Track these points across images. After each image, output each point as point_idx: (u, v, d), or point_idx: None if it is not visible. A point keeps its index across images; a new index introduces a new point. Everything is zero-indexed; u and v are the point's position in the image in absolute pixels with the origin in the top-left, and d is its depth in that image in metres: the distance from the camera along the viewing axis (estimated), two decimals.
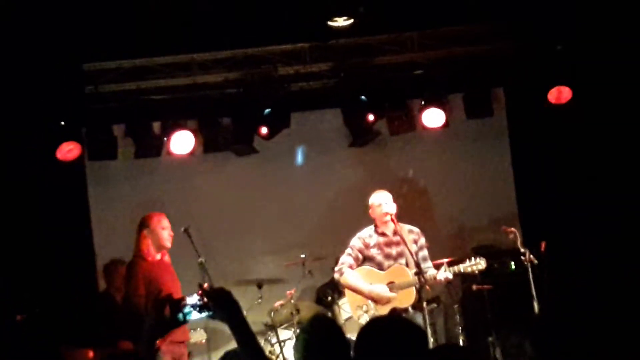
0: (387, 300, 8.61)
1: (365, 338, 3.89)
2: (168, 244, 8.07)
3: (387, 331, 3.81)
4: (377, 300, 8.64)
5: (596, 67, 10.87)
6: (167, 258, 8.13)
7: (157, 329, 4.37)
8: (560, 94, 11.04)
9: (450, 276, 8.59)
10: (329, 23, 10.12)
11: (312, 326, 4.31)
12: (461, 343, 10.09)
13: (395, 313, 8.47)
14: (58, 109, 10.64)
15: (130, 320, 7.76)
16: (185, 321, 4.37)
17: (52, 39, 9.74)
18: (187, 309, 4.27)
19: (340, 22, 10.08)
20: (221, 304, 4.11)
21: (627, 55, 10.67)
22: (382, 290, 8.64)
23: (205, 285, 8.01)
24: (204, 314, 4.25)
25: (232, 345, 9.39)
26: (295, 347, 4.22)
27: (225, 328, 4.20)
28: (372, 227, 8.92)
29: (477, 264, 8.62)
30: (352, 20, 10.10)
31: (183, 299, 4.11)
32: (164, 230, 8.04)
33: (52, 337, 9.63)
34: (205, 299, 4.20)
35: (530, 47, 10.97)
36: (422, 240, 8.90)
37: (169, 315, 4.19)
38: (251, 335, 4.12)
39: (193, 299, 4.25)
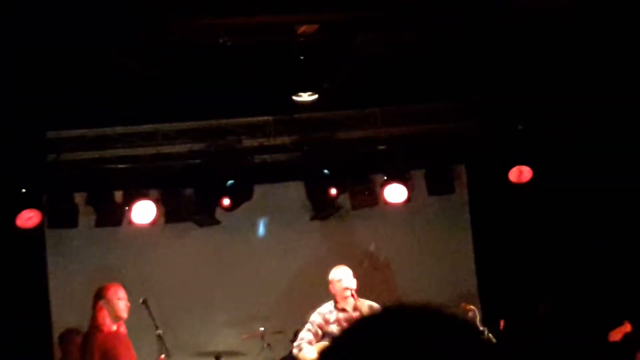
0: None
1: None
2: (124, 314, 8.00)
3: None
4: None
5: (557, 148, 11.01)
6: (123, 329, 8.04)
7: None
8: (521, 174, 11.15)
9: None
10: (294, 97, 10.19)
11: None
12: None
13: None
14: (19, 176, 10.58)
15: None
16: None
17: (16, 106, 9.72)
18: None
19: (305, 97, 10.15)
20: None
21: (588, 136, 10.83)
22: None
23: (162, 357, 7.96)
24: None
25: None
26: None
27: None
28: (332, 302, 8.88)
29: None
30: (316, 96, 10.17)
31: None
32: (120, 300, 7.97)
33: None
34: None
35: (492, 125, 11.11)
36: None
37: None
38: None
39: None
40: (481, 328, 8.94)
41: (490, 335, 8.87)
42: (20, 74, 9.27)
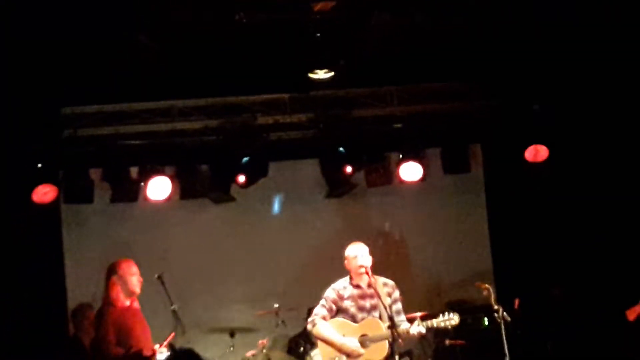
0: (358, 355, 8.56)
1: None
2: (137, 289, 8.03)
3: None
4: (347, 354, 8.59)
5: (574, 127, 10.97)
6: (136, 304, 8.07)
7: None
8: (537, 153, 11.12)
9: (424, 331, 8.55)
10: (310, 75, 10.17)
11: None
12: None
13: None
14: (36, 152, 10.61)
15: None
16: None
17: (33, 82, 9.73)
18: None
19: (321, 74, 10.13)
20: None
21: (604, 116, 10.78)
22: (353, 345, 8.59)
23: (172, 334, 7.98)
24: None
25: None
26: None
27: None
28: (347, 278, 8.88)
29: (450, 320, 8.58)
30: (332, 73, 10.15)
31: (152, 357, 4.06)
32: (133, 276, 8.00)
33: None
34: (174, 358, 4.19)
35: (509, 105, 11.06)
36: (397, 294, 8.86)
37: None
38: None
39: (162, 356, 4.23)
40: (496, 307, 8.94)
41: (505, 314, 8.86)
42: (37, 49, 9.28)
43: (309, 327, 8.87)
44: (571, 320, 10.55)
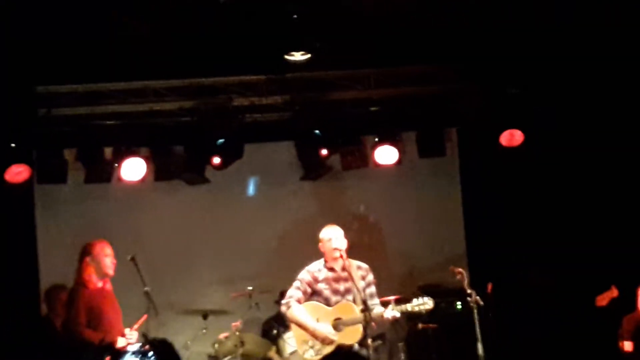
0: (330, 342, 8.56)
1: None
2: (110, 271, 8.00)
3: None
4: (320, 340, 8.60)
5: (548, 112, 10.99)
6: (109, 286, 8.05)
7: None
8: (512, 137, 11.13)
9: (398, 315, 8.57)
10: (286, 57, 10.13)
11: None
12: None
13: (341, 349, 8.45)
14: (9, 131, 10.52)
15: (70, 347, 7.67)
16: None
17: (7, 60, 9.64)
18: (127, 356, 4.22)
19: (297, 56, 10.09)
20: (163, 356, 4.08)
21: (580, 101, 10.82)
22: (326, 330, 8.59)
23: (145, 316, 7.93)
24: None
25: None
26: None
27: None
28: (321, 261, 8.88)
29: (424, 304, 8.60)
30: (309, 55, 10.11)
31: (124, 347, 4.04)
32: (107, 257, 7.97)
33: None
34: (146, 348, 4.17)
35: (485, 89, 11.06)
36: (370, 277, 8.87)
37: None
38: None
39: (135, 346, 4.20)
40: (469, 291, 8.97)
41: (477, 298, 8.89)
42: (12, 27, 9.19)
43: (283, 309, 8.86)
44: (543, 305, 10.60)
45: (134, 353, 4.22)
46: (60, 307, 8.88)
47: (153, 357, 4.13)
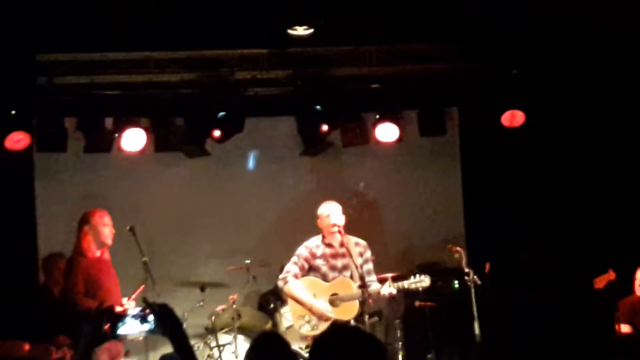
0: (327, 318, 8.59)
1: (323, 345, 3.86)
2: (109, 241, 8.02)
3: (346, 341, 3.79)
4: (317, 317, 8.62)
5: (550, 93, 10.98)
6: (107, 255, 8.07)
7: (93, 340, 4.29)
8: (513, 118, 11.11)
9: (394, 292, 8.60)
10: (289, 31, 10.09)
11: (259, 343, 4.31)
12: (400, 358, 10.09)
13: (337, 325, 8.47)
14: (9, 98, 10.49)
15: (68, 315, 7.69)
16: (123, 335, 4.30)
17: (8, 26, 9.60)
18: (127, 319, 4.20)
19: (300, 31, 10.05)
20: (165, 320, 4.07)
21: (582, 84, 10.80)
22: (322, 307, 8.62)
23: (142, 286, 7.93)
24: (144, 328, 4.18)
25: (170, 347, 9.32)
26: None
27: None
28: (319, 237, 8.90)
29: (421, 282, 8.64)
30: (312, 30, 10.07)
31: (124, 311, 4.05)
32: (105, 227, 7.99)
33: None
34: (146, 312, 4.15)
35: (487, 69, 11.04)
36: (368, 254, 8.90)
37: (107, 328, 4.10)
38: (192, 352, 4.09)
39: (134, 310, 4.19)
40: (466, 270, 8.99)
41: (475, 277, 8.91)
42: None
43: (280, 284, 8.90)
44: (540, 286, 10.62)
45: (134, 317, 4.21)
46: (59, 276, 8.90)
47: (153, 321, 4.11)
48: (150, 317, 4.13)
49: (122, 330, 4.23)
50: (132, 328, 4.22)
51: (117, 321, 4.21)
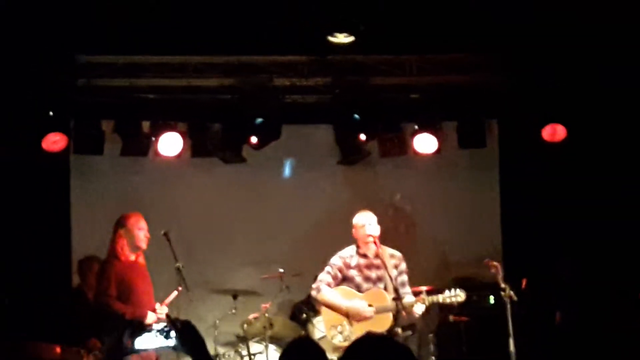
0: (364, 318, 8.49)
1: (355, 353, 3.79)
2: (143, 245, 7.98)
3: (379, 350, 3.71)
4: (354, 316, 8.52)
5: (593, 109, 10.83)
6: (141, 259, 8.03)
7: (115, 352, 4.27)
8: (554, 132, 10.98)
9: (424, 308, 8.50)
10: (329, 38, 10.03)
11: (293, 348, 4.25)
12: None
13: (369, 334, 8.36)
14: (48, 99, 10.51)
15: (99, 319, 7.65)
16: (144, 349, 4.26)
17: (49, 28, 9.62)
18: (150, 333, 4.17)
19: (341, 38, 9.98)
20: (186, 337, 4.05)
21: (624, 99, 10.65)
22: (361, 306, 8.53)
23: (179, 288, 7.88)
24: (166, 344, 4.15)
25: None
26: None
27: None
28: (353, 247, 8.82)
29: (456, 296, 8.54)
30: (352, 38, 10.00)
31: (149, 325, 4.00)
32: (141, 231, 7.95)
33: (20, 328, 9.50)
34: (168, 328, 4.12)
35: (529, 82, 10.91)
36: (403, 266, 8.81)
37: (129, 343, 4.07)
38: None
39: (158, 326, 4.15)
40: (503, 285, 8.85)
41: (512, 293, 8.77)
42: None
43: (313, 293, 8.83)
44: (579, 304, 10.45)
45: (157, 331, 4.17)
46: (93, 279, 8.87)
47: (175, 338, 4.08)
48: (173, 333, 4.10)
49: (142, 344, 4.18)
50: (154, 342, 4.18)
51: (139, 332, 4.18)
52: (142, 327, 3.96)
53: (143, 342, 4.18)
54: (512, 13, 9.81)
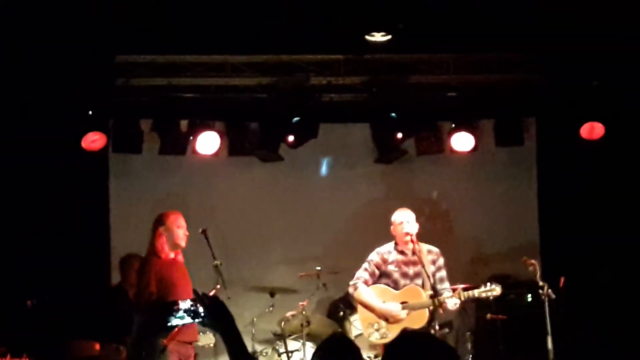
0: (398, 320, 8.50)
1: (396, 352, 3.77)
2: (183, 243, 8.02)
3: (420, 347, 3.70)
4: (387, 318, 8.54)
5: (631, 107, 10.76)
6: (180, 257, 8.07)
7: (146, 330, 4.30)
8: (592, 130, 10.94)
9: (458, 302, 8.48)
10: (367, 37, 10.04)
11: (328, 345, 4.23)
12: None
13: (407, 332, 8.40)
14: (87, 99, 10.61)
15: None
16: (173, 326, 4.26)
17: (88, 29, 9.69)
18: (179, 314, 4.16)
19: (378, 37, 10.00)
20: (214, 313, 4.02)
21: None
22: (394, 308, 8.54)
23: (218, 287, 7.92)
24: (196, 320, 4.14)
25: None
26: None
27: None
28: (392, 243, 8.84)
29: (492, 290, 8.51)
30: (389, 36, 10.01)
31: (176, 303, 4.00)
32: (180, 229, 7.98)
33: (60, 326, 9.60)
34: (197, 305, 4.11)
35: (567, 80, 10.85)
36: (441, 261, 8.81)
37: (158, 317, 4.08)
38: (242, 346, 4.02)
39: (186, 303, 4.14)
40: (541, 283, 8.82)
41: (549, 291, 8.73)
42: None
43: (351, 290, 8.85)
44: (616, 303, 10.39)
45: (185, 310, 4.16)
46: (133, 276, 8.93)
47: (204, 314, 4.07)
48: (202, 310, 4.08)
49: (173, 322, 4.18)
50: (183, 320, 4.18)
51: (168, 313, 4.17)
52: (169, 307, 4.00)
53: (173, 320, 4.18)
54: (550, 11, 9.75)
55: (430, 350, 3.66)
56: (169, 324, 4.21)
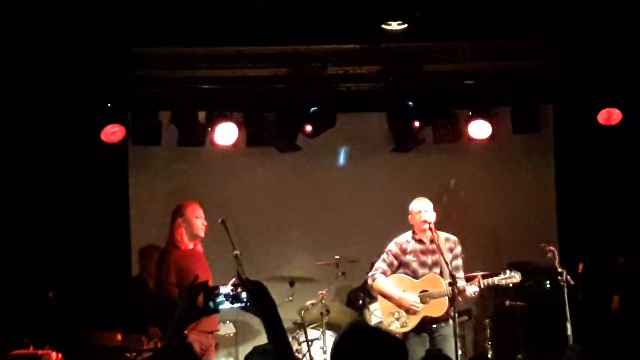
0: (416, 311, 8.54)
1: (344, 346, 3.82)
2: (201, 233, 8.08)
3: (368, 342, 3.74)
4: (406, 309, 8.58)
5: None
6: (199, 247, 8.13)
7: (188, 315, 4.31)
8: (610, 116, 10.92)
9: (477, 290, 8.51)
10: (383, 26, 10.05)
11: (350, 333, 4.23)
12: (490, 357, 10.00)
13: (426, 321, 8.46)
14: (106, 91, 10.67)
15: (160, 307, 7.77)
16: (216, 310, 4.28)
17: (106, 21, 9.74)
18: (220, 298, 4.18)
19: (394, 26, 10.00)
20: (258, 298, 4.02)
21: None
22: (411, 299, 8.56)
23: (232, 280, 7.98)
24: (236, 305, 4.16)
25: (260, 340, 9.39)
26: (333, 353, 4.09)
27: (254, 323, 4.14)
28: (410, 233, 8.85)
29: (511, 278, 8.54)
30: (405, 25, 10.02)
31: (217, 288, 4.03)
32: (198, 219, 8.05)
33: (82, 316, 9.68)
34: (238, 290, 4.12)
35: (583, 66, 10.83)
36: (458, 249, 8.82)
37: (201, 302, 4.08)
38: (283, 332, 4.03)
39: (227, 288, 4.16)
40: (559, 270, 8.84)
41: (568, 277, 8.76)
42: None
43: (369, 281, 8.88)
44: (635, 289, 10.39)
45: (226, 295, 4.17)
46: (153, 267, 9.00)
47: (246, 299, 4.08)
48: (243, 295, 4.09)
49: (216, 306, 4.20)
50: (225, 304, 4.20)
51: (211, 297, 4.19)
52: (211, 291, 4.02)
53: (215, 305, 4.19)
54: None
55: (378, 343, 3.69)
56: (212, 309, 4.23)
